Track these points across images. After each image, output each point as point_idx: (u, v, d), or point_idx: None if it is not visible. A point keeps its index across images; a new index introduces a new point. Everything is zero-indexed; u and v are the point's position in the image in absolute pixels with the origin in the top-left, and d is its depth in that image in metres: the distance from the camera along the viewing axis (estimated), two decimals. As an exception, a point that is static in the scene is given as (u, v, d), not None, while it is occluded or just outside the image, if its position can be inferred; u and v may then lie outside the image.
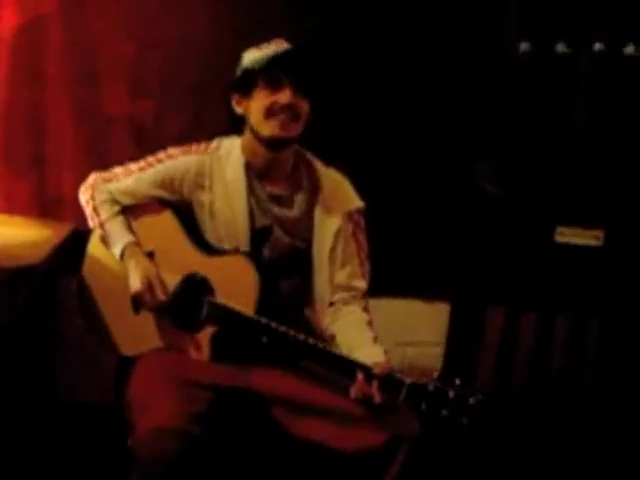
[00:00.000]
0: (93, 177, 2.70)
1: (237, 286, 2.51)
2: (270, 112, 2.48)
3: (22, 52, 3.20)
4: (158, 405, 2.33)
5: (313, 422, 2.44)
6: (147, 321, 2.60)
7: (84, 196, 2.68)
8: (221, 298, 2.51)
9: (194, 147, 2.62)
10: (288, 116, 2.48)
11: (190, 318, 2.54)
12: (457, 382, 2.35)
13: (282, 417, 2.47)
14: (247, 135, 2.58)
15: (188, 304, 2.55)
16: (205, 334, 2.53)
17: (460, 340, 3.51)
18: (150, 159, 2.65)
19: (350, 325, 2.58)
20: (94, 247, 2.69)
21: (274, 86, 2.48)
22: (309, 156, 2.66)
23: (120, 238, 2.59)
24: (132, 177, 2.64)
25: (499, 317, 3.54)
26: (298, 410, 2.46)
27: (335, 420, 2.44)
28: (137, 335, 2.61)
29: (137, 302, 2.59)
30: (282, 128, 2.49)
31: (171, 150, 2.64)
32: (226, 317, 2.48)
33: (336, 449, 2.40)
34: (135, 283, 2.55)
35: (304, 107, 2.50)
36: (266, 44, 2.55)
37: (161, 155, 2.64)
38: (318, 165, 2.65)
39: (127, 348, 2.62)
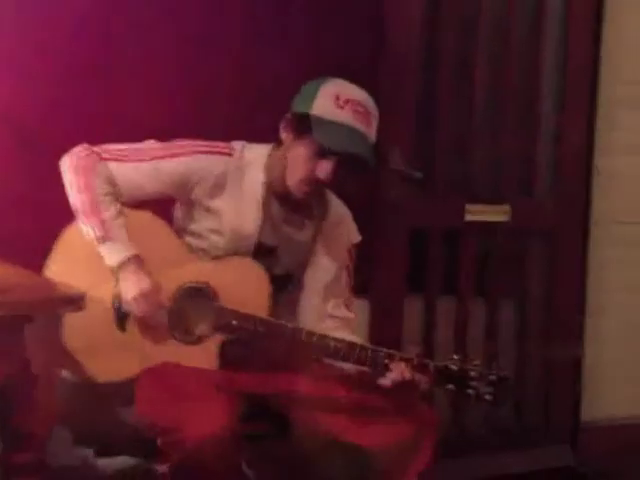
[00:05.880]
0: (88, 152, 2.51)
1: (247, 290, 2.52)
2: (304, 179, 2.49)
3: None
4: (199, 409, 2.32)
5: (341, 421, 2.50)
6: (135, 340, 2.52)
7: (78, 171, 2.48)
8: (228, 303, 2.50)
9: (215, 146, 2.56)
10: (316, 187, 2.52)
11: (193, 327, 2.52)
12: (476, 362, 2.51)
13: (309, 419, 2.50)
14: (279, 158, 2.56)
15: (190, 313, 2.52)
16: (212, 344, 2.51)
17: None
18: (164, 149, 2.53)
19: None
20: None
21: (322, 152, 2.46)
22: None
23: (122, 247, 2.46)
24: (142, 165, 2.51)
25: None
26: (325, 410, 2.51)
27: (361, 417, 2.51)
28: (126, 357, 2.51)
29: (124, 317, 2.50)
30: (306, 194, 2.54)
31: (189, 143, 2.55)
32: (242, 323, 2.47)
33: (369, 446, 2.48)
34: (131, 289, 2.45)
35: (333, 179, 2.51)
36: (345, 96, 2.49)
37: (178, 147, 2.53)
38: (327, 193, 2.68)
39: (113, 373, 2.50)
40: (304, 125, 2.48)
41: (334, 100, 2.48)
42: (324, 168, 2.47)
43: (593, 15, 3.83)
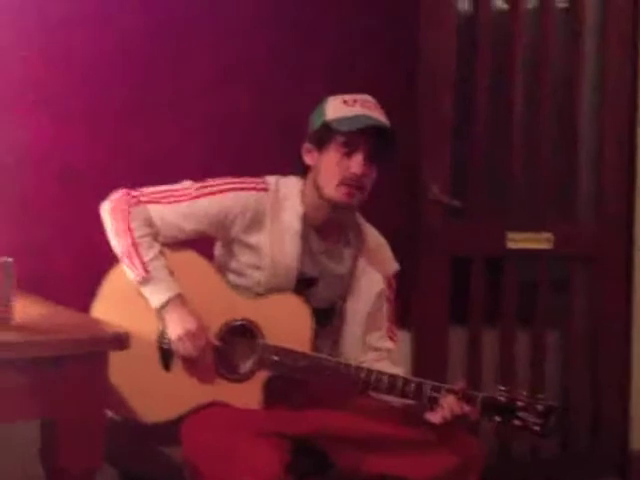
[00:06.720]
0: (126, 197, 2.55)
1: (290, 326, 2.54)
2: (341, 181, 2.52)
3: None
4: (249, 459, 2.31)
5: (386, 456, 2.51)
6: (180, 379, 2.53)
7: (118, 215, 2.52)
8: (272, 340, 2.52)
9: (250, 182, 2.59)
10: (356, 186, 2.53)
11: (237, 365, 2.54)
12: (524, 392, 2.50)
13: (353, 456, 2.50)
14: (309, 186, 2.60)
15: (235, 350, 2.55)
16: (256, 380, 2.52)
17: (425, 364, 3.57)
18: (200, 189, 2.57)
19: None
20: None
21: (350, 149, 2.52)
22: (355, 212, 2.70)
23: (166, 287, 2.49)
24: (179, 205, 2.55)
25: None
26: (369, 446, 2.51)
27: (407, 449, 2.51)
28: (171, 396, 2.52)
29: (169, 357, 2.52)
30: (349, 196, 2.54)
31: (224, 181, 2.58)
32: (286, 359, 2.49)
33: (414, 478, 2.48)
34: (177, 329, 2.48)
35: (372, 176, 2.56)
36: (352, 98, 2.56)
37: (214, 186, 2.57)
38: (363, 222, 2.72)
39: (159, 413, 2.51)
40: (324, 134, 2.55)
41: (343, 103, 2.57)
42: (355, 162, 2.51)
43: (630, 35, 3.84)
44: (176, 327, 2.48)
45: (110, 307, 2.54)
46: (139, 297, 2.51)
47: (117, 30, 3.05)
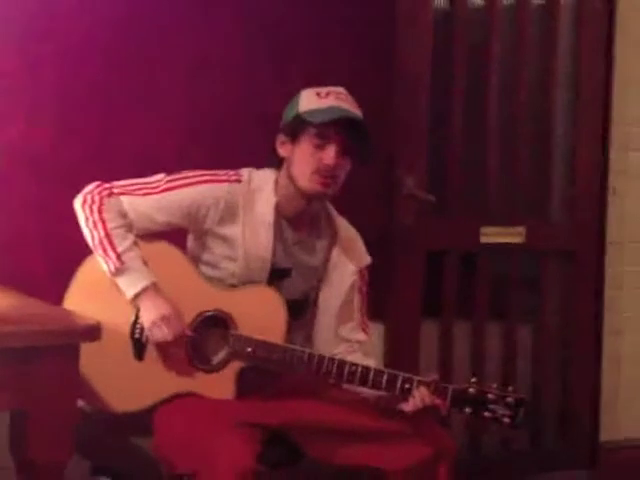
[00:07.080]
0: (99, 188, 2.55)
1: (264, 317, 2.54)
2: (315, 171, 2.53)
3: None
4: (220, 449, 2.30)
5: (359, 447, 2.52)
6: (153, 369, 2.52)
7: (91, 207, 2.51)
8: (246, 331, 2.52)
9: (223, 174, 2.59)
10: (330, 176, 2.54)
11: (211, 356, 2.54)
12: (494, 385, 2.52)
13: (326, 447, 2.51)
14: (283, 177, 2.61)
15: (208, 341, 2.54)
16: (229, 371, 2.52)
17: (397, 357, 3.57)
18: (173, 181, 2.57)
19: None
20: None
21: (323, 141, 2.52)
22: (327, 204, 2.72)
23: (140, 277, 2.49)
24: (152, 197, 2.55)
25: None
26: (342, 437, 2.52)
27: (379, 441, 2.52)
28: (143, 386, 2.51)
29: (142, 347, 2.52)
30: (323, 186, 2.55)
31: (197, 173, 2.58)
32: (260, 350, 2.49)
33: (388, 469, 2.50)
34: (151, 315, 2.47)
35: (345, 167, 2.57)
36: (325, 90, 2.57)
37: (187, 178, 2.57)
38: (335, 214, 2.73)
39: (131, 403, 2.51)
40: (297, 126, 2.56)
41: (316, 96, 2.58)
42: (327, 154, 2.52)
43: (605, 35, 3.85)
44: (150, 314, 2.47)
45: (83, 298, 2.53)
46: (112, 288, 2.50)
47: (92, 21, 3.02)
